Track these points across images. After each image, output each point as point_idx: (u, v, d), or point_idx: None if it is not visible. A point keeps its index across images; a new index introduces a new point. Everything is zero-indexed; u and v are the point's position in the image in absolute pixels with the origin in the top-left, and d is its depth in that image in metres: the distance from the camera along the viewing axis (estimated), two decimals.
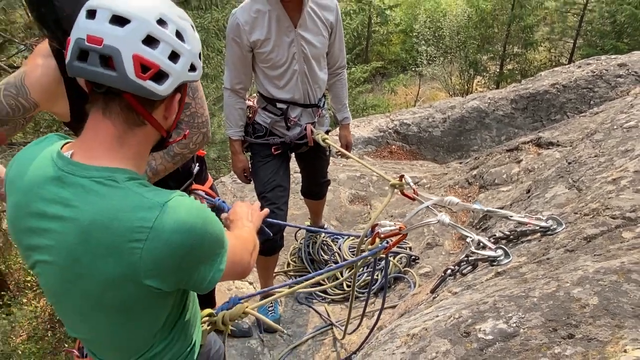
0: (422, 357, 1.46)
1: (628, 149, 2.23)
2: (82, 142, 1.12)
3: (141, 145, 1.14)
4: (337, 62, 2.75)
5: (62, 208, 1.06)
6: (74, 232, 1.05)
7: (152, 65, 1.02)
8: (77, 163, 1.07)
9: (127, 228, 1.02)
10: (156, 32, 1.04)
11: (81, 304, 1.16)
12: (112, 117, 1.07)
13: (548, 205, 2.31)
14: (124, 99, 1.05)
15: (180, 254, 1.07)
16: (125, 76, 1.00)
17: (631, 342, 1.16)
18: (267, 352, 2.91)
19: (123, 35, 1.00)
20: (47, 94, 1.57)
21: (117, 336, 1.24)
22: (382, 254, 2.07)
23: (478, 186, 4.06)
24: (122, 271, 1.05)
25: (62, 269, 1.10)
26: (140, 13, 1.03)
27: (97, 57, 1.00)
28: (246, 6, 2.39)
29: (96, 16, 1.02)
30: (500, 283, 1.77)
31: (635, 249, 1.53)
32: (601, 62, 5.62)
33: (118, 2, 1.03)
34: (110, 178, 1.05)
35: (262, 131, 2.68)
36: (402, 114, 6.14)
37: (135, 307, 1.16)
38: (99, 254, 1.05)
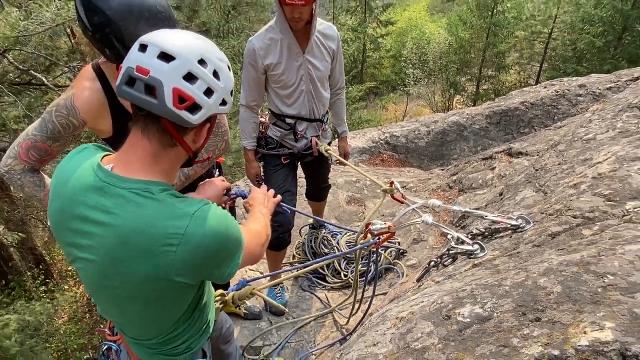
0: (409, 337, 1.46)
1: (587, 158, 2.24)
2: (122, 156, 1.13)
3: (172, 163, 1.16)
4: (338, 84, 2.76)
5: (103, 215, 1.07)
6: (114, 236, 1.06)
7: (188, 98, 1.04)
8: (116, 175, 1.08)
9: (162, 235, 1.04)
10: (196, 70, 1.06)
11: (116, 295, 1.17)
12: (150, 137, 1.09)
13: (518, 207, 2.31)
14: (161, 123, 1.07)
15: (206, 256, 1.10)
16: (164, 105, 1.02)
17: (590, 325, 1.16)
18: (275, 332, 2.90)
19: (167, 70, 1.02)
20: (94, 113, 1.56)
21: (147, 321, 1.26)
22: (373, 248, 2.07)
23: (458, 190, 4.06)
24: (156, 270, 1.07)
25: (101, 266, 1.11)
26: (185, 53, 1.05)
27: (143, 85, 1.02)
28: (261, 35, 2.40)
29: (147, 51, 1.04)
30: (477, 274, 1.77)
31: (593, 245, 1.53)
32: (564, 83, 5.63)
33: (167, 41, 1.05)
34: (147, 190, 1.07)
35: (274, 144, 2.69)
36: (392, 128, 6.14)
37: (164, 299, 1.18)
38: (136, 256, 1.06)
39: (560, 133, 3.90)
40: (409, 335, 1.47)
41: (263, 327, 2.92)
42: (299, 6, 2.16)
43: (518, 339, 1.22)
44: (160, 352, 1.34)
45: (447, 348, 1.32)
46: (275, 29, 2.36)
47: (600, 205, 1.78)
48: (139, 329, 1.30)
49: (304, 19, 2.25)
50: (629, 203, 1.71)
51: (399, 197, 2.19)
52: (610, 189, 1.82)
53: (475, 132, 5.57)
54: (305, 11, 2.21)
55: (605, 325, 1.14)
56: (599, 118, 2.72)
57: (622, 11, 14.93)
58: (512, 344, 1.21)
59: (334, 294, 3.19)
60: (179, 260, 1.06)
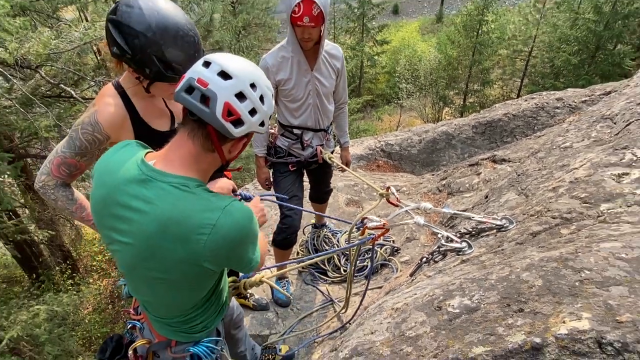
0: (403, 326, 1.46)
1: (564, 164, 2.24)
2: (165, 153, 1.17)
3: (208, 166, 1.19)
4: (341, 99, 2.76)
5: (143, 203, 1.11)
6: (153, 223, 1.10)
7: (235, 113, 1.09)
8: (158, 170, 1.13)
9: (196, 224, 1.09)
10: (247, 91, 1.10)
11: (148, 276, 1.20)
12: (194, 139, 1.13)
13: (502, 208, 2.31)
14: (207, 129, 1.11)
15: (232, 245, 1.14)
16: (214, 114, 1.06)
17: (568, 315, 1.16)
18: (281, 322, 2.90)
19: (223, 86, 1.07)
20: (116, 128, 1.54)
21: (173, 300, 1.29)
22: (369, 243, 2.07)
23: (446, 193, 4.05)
24: (187, 255, 1.11)
25: (138, 249, 1.14)
26: (241, 75, 1.10)
27: (200, 95, 1.07)
28: (274, 53, 2.41)
29: (209, 67, 1.09)
30: (465, 268, 1.77)
31: (571, 243, 1.53)
32: (543, 96, 5.63)
33: (228, 62, 1.10)
34: (185, 184, 1.11)
35: (282, 152, 2.70)
36: (387, 137, 6.15)
37: (191, 281, 1.22)
38: (172, 241, 1.10)
39: (540, 141, 3.90)
40: (403, 324, 1.47)
41: (269, 317, 2.92)
42: (308, 27, 2.17)
43: (503, 327, 1.22)
44: (180, 330, 1.38)
45: (438, 336, 1.32)
46: (287, 47, 2.37)
47: (576, 206, 1.78)
48: (164, 307, 1.33)
49: (313, 39, 2.26)
50: (603, 205, 1.72)
51: (394, 200, 2.19)
52: (585, 192, 1.83)
53: (462, 140, 5.57)
54: (314, 32, 2.22)
55: (582, 316, 1.14)
56: (575, 128, 2.72)
57: (595, 32, 14.96)
58: (498, 332, 1.21)
59: (334, 287, 3.18)
60: (208, 248, 1.10)
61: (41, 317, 5.76)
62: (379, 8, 20.71)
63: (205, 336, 1.44)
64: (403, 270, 2.90)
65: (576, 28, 15.57)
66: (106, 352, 1.50)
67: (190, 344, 1.42)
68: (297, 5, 2.10)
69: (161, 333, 1.41)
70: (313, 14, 2.11)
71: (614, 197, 1.72)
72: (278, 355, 2.53)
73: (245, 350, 2.22)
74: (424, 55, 21.23)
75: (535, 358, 1.10)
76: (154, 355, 1.47)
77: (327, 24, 2.32)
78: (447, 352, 1.24)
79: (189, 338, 1.41)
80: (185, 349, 1.41)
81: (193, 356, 1.41)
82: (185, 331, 1.38)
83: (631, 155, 1.90)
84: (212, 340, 1.45)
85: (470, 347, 1.21)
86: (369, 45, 21.21)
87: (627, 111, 2.40)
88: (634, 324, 1.07)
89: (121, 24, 1.35)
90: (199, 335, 1.41)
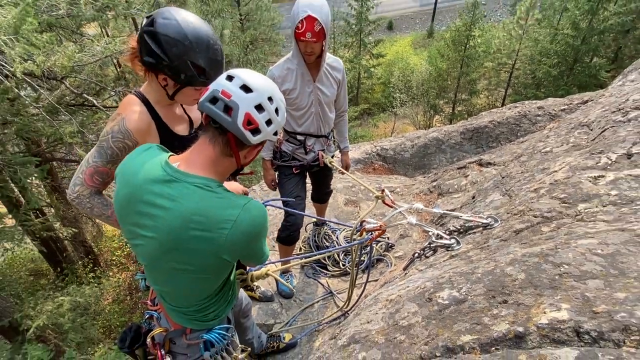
0: (397, 316, 1.46)
1: (545, 167, 2.23)
2: (188, 156, 1.20)
3: (225, 169, 1.21)
4: (342, 107, 2.76)
5: (168, 201, 1.13)
6: (178, 219, 1.12)
7: (254, 122, 1.12)
8: (182, 171, 1.15)
9: (219, 219, 1.11)
10: (265, 104, 1.14)
11: (170, 267, 1.21)
12: (215, 145, 1.15)
13: (487, 208, 2.31)
14: (227, 136, 1.14)
15: (249, 239, 1.17)
16: (235, 123, 1.10)
17: (549, 306, 1.15)
18: (285, 312, 2.89)
19: (245, 98, 1.11)
20: (143, 133, 1.53)
21: (191, 290, 1.30)
22: (367, 243, 2.07)
23: (437, 194, 4.05)
24: (209, 248, 1.14)
25: (162, 243, 1.16)
26: (261, 89, 1.14)
27: (223, 105, 1.10)
28: (280, 65, 2.42)
29: (232, 80, 1.13)
30: (454, 263, 1.77)
31: (551, 239, 1.53)
32: (525, 105, 5.63)
33: (249, 77, 1.14)
34: (207, 185, 1.14)
35: (287, 157, 2.70)
36: (382, 142, 6.14)
37: (209, 272, 1.23)
38: (194, 235, 1.12)
39: (523, 146, 3.90)
40: (397, 314, 1.46)
41: (274, 308, 2.91)
42: (311, 42, 2.18)
43: (488, 317, 1.22)
44: (194, 318, 1.39)
45: (429, 325, 1.32)
46: (292, 60, 2.38)
47: (556, 206, 1.77)
48: (181, 297, 1.34)
49: (315, 53, 2.27)
50: (580, 205, 1.71)
51: (389, 202, 2.19)
52: (564, 193, 1.82)
53: (451, 145, 5.57)
54: (316, 47, 2.23)
55: (561, 307, 1.13)
56: (555, 134, 2.72)
57: (573, 46, 14.95)
58: (484, 322, 1.21)
59: (333, 280, 3.17)
60: (228, 241, 1.13)
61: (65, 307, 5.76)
62: (374, 24, 20.75)
63: (217, 324, 1.45)
64: (397, 265, 2.90)
65: (556, 42, 15.56)
66: (126, 341, 1.51)
67: (204, 331, 1.43)
68: (301, 22, 2.11)
69: (177, 322, 1.42)
70: (315, 30, 2.12)
71: (591, 198, 1.72)
72: (282, 343, 2.52)
73: (253, 338, 2.23)
74: (416, 68, 21.21)
75: (518, 346, 1.10)
76: (170, 342, 1.48)
77: (328, 39, 2.32)
78: (437, 340, 1.23)
79: (202, 326, 1.42)
80: (199, 336, 1.43)
81: (206, 342, 1.43)
82: (199, 319, 1.40)
83: (606, 159, 1.90)
84: (224, 327, 1.46)
85: (458, 336, 1.20)
86: (365, 59, 21.21)
87: (602, 119, 2.40)
88: (609, 314, 1.06)
89: (159, 34, 1.36)
90: (211, 323, 1.42)
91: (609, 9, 14.24)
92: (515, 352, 1.08)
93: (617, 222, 1.49)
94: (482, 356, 1.11)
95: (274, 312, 2.88)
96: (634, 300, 1.08)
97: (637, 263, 1.22)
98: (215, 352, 1.43)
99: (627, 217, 1.50)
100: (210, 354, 1.43)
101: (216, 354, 1.44)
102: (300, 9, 2.11)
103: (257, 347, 2.35)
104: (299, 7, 2.12)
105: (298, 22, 2.12)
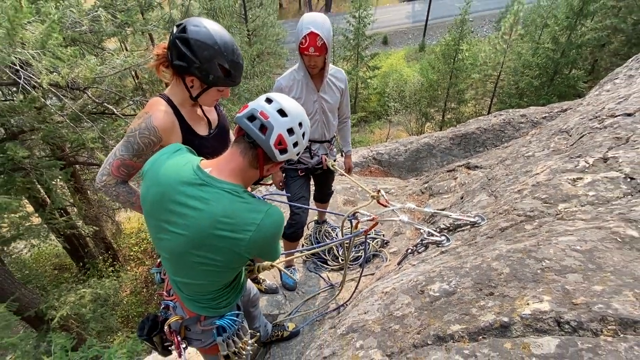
0: (392, 307, 1.45)
1: (528, 170, 2.23)
2: (218, 163, 1.21)
3: (251, 179, 1.25)
4: (345, 114, 2.76)
5: (200, 203, 1.14)
6: (208, 219, 1.13)
7: (284, 143, 1.16)
8: (213, 177, 1.17)
9: (244, 222, 1.14)
10: (295, 128, 1.18)
11: (194, 261, 1.21)
12: (245, 157, 1.18)
13: (475, 207, 2.30)
14: (257, 151, 1.17)
15: (269, 241, 1.20)
16: (268, 141, 1.14)
17: (532, 298, 1.15)
18: (288, 303, 2.88)
19: (280, 121, 1.14)
20: (168, 131, 1.55)
21: (208, 282, 1.30)
22: (362, 235, 2.06)
23: (428, 194, 4.04)
24: (232, 246, 1.15)
25: (191, 239, 1.17)
26: (294, 115, 1.18)
27: (259, 124, 1.14)
28: (286, 76, 2.42)
29: (271, 104, 1.16)
30: (444, 258, 1.76)
31: (533, 237, 1.52)
32: (509, 113, 5.63)
33: (285, 102, 1.18)
34: (235, 190, 1.16)
35: (292, 160, 2.70)
36: (378, 147, 6.14)
37: (229, 265, 1.25)
38: (221, 234, 1.14)
39: (507, 151, 3.89)
40: (391, 306, 1.46)
41: (278, 299, 2.91)
42: (314, 56, 2.19)
43: (476, 308, 1.21)
44: (208, 306, 1.41)
45: (421, 315, 1.31)
46: (298, 72, 2.39)
47: (538, 206, 1.77)
48: (199, 287, 1.34)
49: (318, 66, 2.28)
50: (560, 204, 1.71)
51: (383, 201, 2.18)
52: (546, 194, 1.82)
53: (441, 150, 5.57)
54: (319, 60, 2.23)
55: (543, 298, 1.13)
56: (537, 140, 2.72)
57: (553, 59, 14.94)
58: (472, 313, 1.20)
59: (333, 273, 3.17)
60: (250, 241, 1.15)
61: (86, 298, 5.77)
62: (371, 39, 20.79)
63: (228, 311, 1.46)
64: (392, 260, 2.89)
65: (537, 56, 15.56)
66: (144, 329, 1.52)
67: (216, 317, 1.45)
68: (304, 38, 2.12)
69: (192, 310, 1.43)
70: (317, 45, 2.13)
71: (570, 198, 1.71)
72: (286, 331, 2.52)
73: (260, 327, 2.22)
74: (409, 79, 21.21)
75: (504, 335, 1.09)
76: (186, 329, 1.50)
77: (330, 53, 2.33)
78: (428, 329, 1.23)
79: (215, 313, 1.43)
80: (212, 322, 1.45)
81: (219, 328, 1.44)
82: (212, 307, 1.41)
83: (584, 162, 1.90)
84: (234, 313, 1.48)
85: (448, 325, 1.20)
86: (362, 70, 21.23)
87: (580, 125, 2.40)
88: (587, 305, 1.06)
89: (191, 39, 1.39)
90: (223, 310, 1.44)
91: (586, 25, 14.25)
92: (500, 341, 1.07)
93: (595, 220, 1.48)
94: (470, 344, 1.11)
95: (279, 303, 2.87)
96: (610, 292, 1.08)
97: (613, 258, 1.22)
98: (227, 337, 1.45)
99: (603, 216, 1.49)
100: (223, 338, 1.44)
101: (228, 338, 1.45)
102: (304, 25, 2.12)
103: (263, 335, 2.35)
104: (302, 24, 2.13)
105: (302, 38, 2.13)
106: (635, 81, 2.83)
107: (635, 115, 2.08)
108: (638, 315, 0.99)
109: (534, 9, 17.50)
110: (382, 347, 1.27)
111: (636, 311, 1.00)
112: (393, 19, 30.95)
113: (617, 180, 1.69)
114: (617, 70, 3.38)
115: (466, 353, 1.07)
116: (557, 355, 0.96)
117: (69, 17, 5.01)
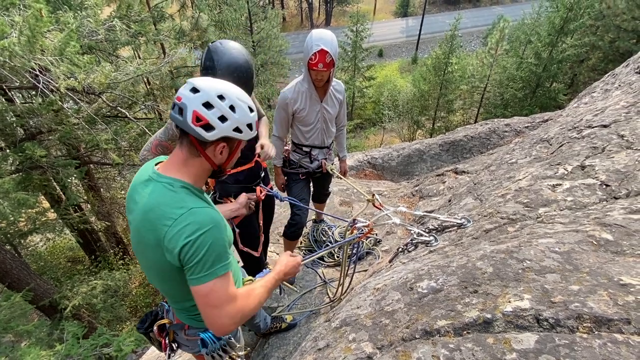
0: (383, 302, 1.45)
1: (511, 176, 2.23)
2: (167, 160, 1.15)
3: (197, 170, 1.11)
4: (342, 122, 2.77)
5: (141, 198, 1.09)
6: (141, 212, 1.07)
7: (203, 119, 1.04)
8: (158, 173, 1.10)
9: (163, 215, 1.03)
10: (213, 101, 1.05)
11: (142, 262, 1.17)
12: (183, 147, 1.10)
13: (461, 210, 2.30)
14: (189, 137, 1.08)
15: (185, 242, 1.00)
16: (186, 121, 1.04)
17: (513, 296, 1.15)
18: (286, 297, 2.87)
19: (192, 97, 1.04)
20: None
21: (162, 287, 1.21)
22: (357, 240, 2.06)
23: (418, 197, 4.04)
24: (155, 242, 1.05)
25: (135, 236, 1.12)
26: (207, 89, 1.05)
27: (178, 108, 1.05)
28: (291, 88, 2.41)
29: (184, 86, 1.07)
30: (432, 257, 1.76)
31: (515, 238, 1.52)
32: (494, 122, 5.64)
33: (199, 81, 1.07)
34: (171, 184, 1.07)
35: (294, 164, 2.71)
36: (372, 152, 6.14)
37: (164, 272, 1.11)
38: (148, 228, 1.06)
39: (492, 158, 3.90)
40: (382, 301, 1.45)
41: (277, 293, 2.89)
42: (322, 72, 2.19)
43: (461, 305, 1.21)
44: (189, 316, 1.30)
45: (410, 310, 1.31)
46: (303, 84, 2.38)
47: (520, 209, 1.77)
48: (167, 294, 1.24)
49: (324, 80, 2.28)
50: (541, 209, 1.71)
51: (378, 205, 2.19)
52: (527, 198, 1.82)
53: (431, 156, 5.58)
54: (325, 75, 2.24)
55: (524, 297, 1.12)
56: (520, 148, 2.72)
57: (536, 73, 15.03)
58: (457, 309, 1.20)
59: (328, 270, 3.16)
60: (167, 237, 1.01)
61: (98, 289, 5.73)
62: (367, 52, 20.87)
63: None
64: (384, 258, 2.89)
65: (521, 70, 15.65)
66: (145, 323, 1.45)
67: (201, 329, 1.32)
68: (314, 54, 2.11)
69: (177, 317, 1.35)
70: (326, 61, 2.13)
71: (550, 203, 1.71)
72: (284, 323, 2.50)
73: (260, 321, 2.21)
74: (402, 89, 21.26)
75: (487, 330, 1.09)
76: (174, 333, 1.40)
77: (336, 67, 2.33)
78: (417, 324, 1.22)
79: (198, 325, 1.31)
80: (196, 333, 1.33)
81: (203, 340, 1.32)
82: (194, 318, 1.29)
83: (563, 170, 1.90)
84: None
85: (435, 320, 1.19)
86: (359, 80, 21.29)
87: (560, 135, 2.40)
88: (565, 304, 1.06)
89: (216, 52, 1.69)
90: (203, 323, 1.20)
91: (566, 42, 14.35)
92: (484, 336, 1.07)
93: (572, 224, 1.48)
94: (455, 339, 1.10)
95: (277, 297, 2.86)
96: (586, 292, 1.08)
97: (589, 260, 1.22)
98: (211, 350, 1.33)
99: (580, 220, 1.49)
100: (207, 351, 1.33)
101: (212, 351, 1.34)
102: (313, 42, 2.11)
103: (262, 327, 2.33)
104: (312, 41, 2.12)
105: (311, 54, 2.12)
106: (611, 95, 2.84)
107: (610, 127, 2.09)
108: (611, 314, 0.99)
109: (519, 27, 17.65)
110: (373, 340, 1.26)
111: (610, 310, 1.00)
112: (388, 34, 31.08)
113: (593, 186, 1.69)
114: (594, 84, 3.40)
115: (451, 347, 1.07)
116: (536, 350, 0.96)
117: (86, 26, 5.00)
